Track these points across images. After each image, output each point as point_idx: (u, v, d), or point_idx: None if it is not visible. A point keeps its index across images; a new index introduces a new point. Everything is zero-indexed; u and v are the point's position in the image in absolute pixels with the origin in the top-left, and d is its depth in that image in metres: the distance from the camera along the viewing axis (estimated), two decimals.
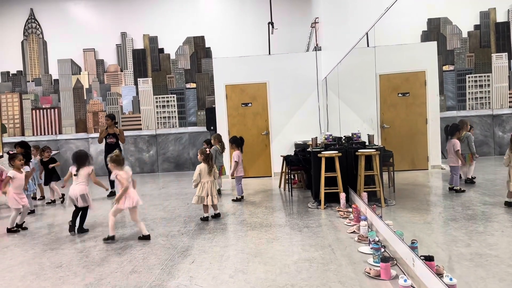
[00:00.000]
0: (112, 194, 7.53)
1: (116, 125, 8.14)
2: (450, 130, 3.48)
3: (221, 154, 7.55)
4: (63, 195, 7.47)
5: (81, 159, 5.16)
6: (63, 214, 6.45)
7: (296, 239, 4.40)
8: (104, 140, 7.97)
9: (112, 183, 7.41)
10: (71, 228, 5.14)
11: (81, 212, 5.19)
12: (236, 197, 6.80)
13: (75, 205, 5.12)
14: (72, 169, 5.16)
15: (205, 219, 5.47)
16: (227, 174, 7.94)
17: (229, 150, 7.93)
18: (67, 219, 5.25)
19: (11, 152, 6.28)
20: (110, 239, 4.65)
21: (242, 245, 4.32)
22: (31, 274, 3.78)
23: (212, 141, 7.53)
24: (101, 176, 7.96)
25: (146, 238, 4.67)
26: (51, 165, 7.43)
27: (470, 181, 3.43)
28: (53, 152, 8.17)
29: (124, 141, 8.10)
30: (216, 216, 5.58)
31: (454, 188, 3.55)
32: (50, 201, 7.36)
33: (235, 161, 6.79)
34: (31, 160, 7.05)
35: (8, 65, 11.84)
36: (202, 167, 5.52)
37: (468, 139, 3.26)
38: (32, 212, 6.57)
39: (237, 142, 6.90)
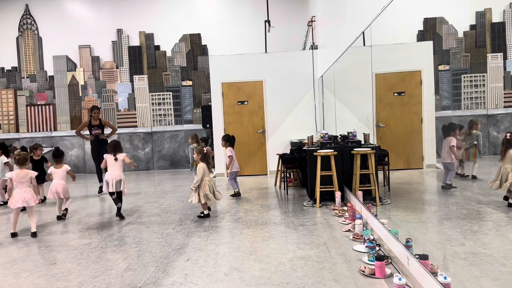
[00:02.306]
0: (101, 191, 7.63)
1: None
2: (445, 129, 3.50)
3: None
4: None
5: (117, 147, 5.80)
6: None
7: (291, 237, 4.40)
8: (89, 132, 8.00)
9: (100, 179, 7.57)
10: (119, 213, 5.66)
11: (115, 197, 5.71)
12: (234, 192, 6.87)
13: (110, 192, 5.62)
14: (109, 156, 5.71)
15: (206, 216, 5.51)
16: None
17: (222, 147, 7.96)
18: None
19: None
20: (12, 235, 4.94)
21: (237, 243, 4.32)
22: (25, 271, 3.76)
23: (190, 140, 7.69)
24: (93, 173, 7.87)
25: (33, 235, 4.93)
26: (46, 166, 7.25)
27: (473, 177, 3.43)
28: (48, 149, 8.07)
29: (115, 129, 8.34)
30: None
31: (447, 183, 3.56)
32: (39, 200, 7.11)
33: (229, 156, 6.90)
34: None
35: (3, 61, 11.76)
36: (203, 166, 5.53)
37: (478, 138, 3.27)
38: (24, 209, 6.51)
39: (230, 140, 7.08)
